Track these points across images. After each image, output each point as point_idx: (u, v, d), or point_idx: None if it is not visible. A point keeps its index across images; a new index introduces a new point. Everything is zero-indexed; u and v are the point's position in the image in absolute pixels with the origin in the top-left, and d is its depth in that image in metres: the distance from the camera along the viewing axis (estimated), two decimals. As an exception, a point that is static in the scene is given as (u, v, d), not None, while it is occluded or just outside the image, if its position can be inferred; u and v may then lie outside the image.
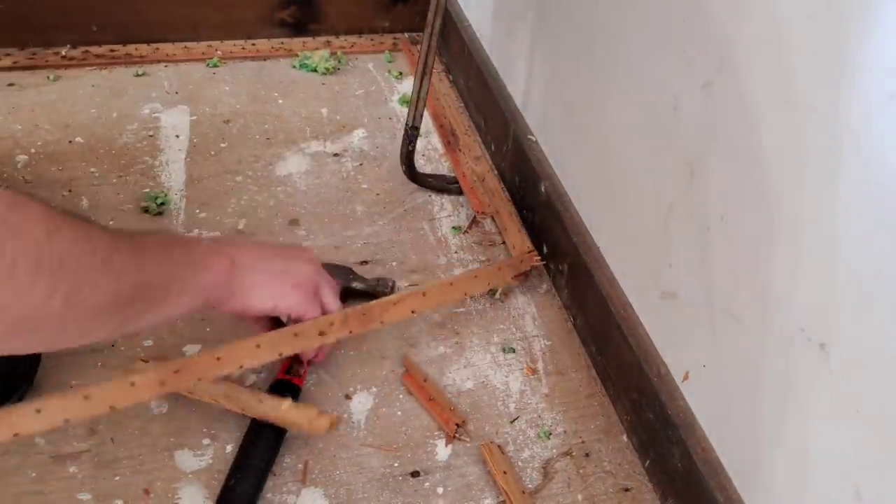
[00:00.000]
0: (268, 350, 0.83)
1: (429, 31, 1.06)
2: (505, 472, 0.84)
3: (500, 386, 0.96)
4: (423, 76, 1.09)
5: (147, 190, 1.16)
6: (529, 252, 1.09)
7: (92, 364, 0.92)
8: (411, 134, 1.15)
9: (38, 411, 0.74)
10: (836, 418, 0.61)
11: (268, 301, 0.80)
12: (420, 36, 1.58)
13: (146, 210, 1.12)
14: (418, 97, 1.11)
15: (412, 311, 0.93)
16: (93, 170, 1.19)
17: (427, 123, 1.37)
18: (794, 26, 0.60)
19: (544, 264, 1.11)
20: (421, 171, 1.23)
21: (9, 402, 0.85)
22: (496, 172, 1.26)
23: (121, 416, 0.88)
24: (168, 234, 1.05)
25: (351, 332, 0.88)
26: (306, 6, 1.51)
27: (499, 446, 0.88)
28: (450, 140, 1.28)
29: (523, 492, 0.83)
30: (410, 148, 1.16)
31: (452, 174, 1.24)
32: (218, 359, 0.81)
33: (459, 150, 1.26)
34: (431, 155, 1.31)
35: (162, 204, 1.13)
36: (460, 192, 1.21)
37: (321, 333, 0.86)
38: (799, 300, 0.63)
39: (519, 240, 1.11)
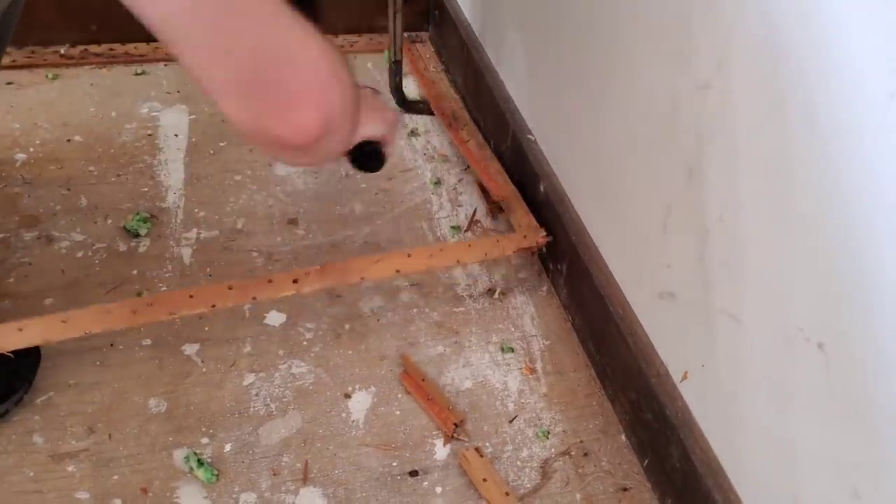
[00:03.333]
0: (239, 293, 0.86)
1: None
2: (485, 480, 0.84)
3: (499, 385, 0.96)
4: (395, 15, 1.24)
5: (137, 212, 1.15)
6: (535, 228, 1.06)
7: (91, 363, 0.92)
8: (396, 68, 1.31)
9: (20, 330, 0.81)
10: (835, 418, 0.61)
11: (380, 127, 0.77)
12: (420, 35, 1.58)
13: (127, 230, 1.09)
14: (395, 34, 1.27)
15: (396, 271, 0.94)
16: (91, 168, 1.19)
17: (426, 122, 1.36)
18: (792, 25, 0.60)
19: (543, 264, 1.11)
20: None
21: (8, 402, 0.85)
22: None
23: (119, 414, 0.88)
24: None
25: (328, 283, 0.90)
26: (305, 6, 1.50)
27: (476, 449, 0.88)
28: (451, 123, 1.33)
29: (507, 494, 0.83)
30: (398, 79, 1.33)
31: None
32: (191, 296, 0.86)
33: (463, 129, 1.31)
34: (431, 154, 1.30)
35: (144, 226, 1.10)
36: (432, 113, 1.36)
37: (295, 281, 0.88)
38: (797, 300, 0.64)
39: (525, 220, 1.08)
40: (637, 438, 0.90)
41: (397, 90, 1.35)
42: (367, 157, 0.76)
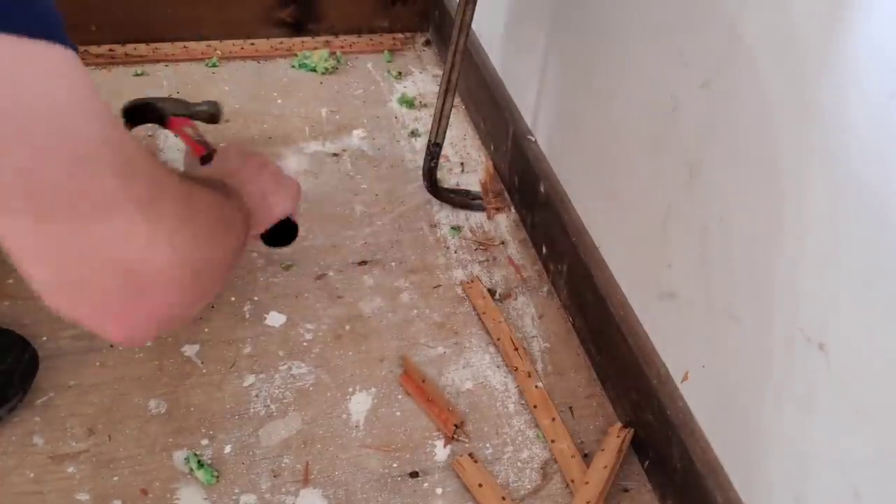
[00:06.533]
0: None
1: (452, 49, 1.05)
2: (480, 485, 0.84)
3: (500, 386, 0.96)
4: (446, 93, 1.08)
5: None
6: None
7: (91, 364, 0.92)
8: (434, 150, 1.14)
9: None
10: (835, 418, 0.61)
11: (289, 204, 0.81)
12: (419, 35, 1.58)
13: None
14: (441, 114, 1.10)
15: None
16: (91, 170, 1.19)
17: (427, 123, 1.37)
18: (793, 24, 0.60)
19: (544, 265, 1.11)
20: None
21: (2, 410, 0.85)
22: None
23: (119, 416, 0.88)
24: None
25: None
26: (305, 6, 1.51)
27: (470, 455, 0.87)
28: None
29: (503, 498, 0.83)
30: (433, 164, 1.16)
31: (476, 190, 1.23)
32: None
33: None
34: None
35: None
36: (482, 209, 1.20)
37: None
38: (798, 300, 0.63)
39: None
40: (637, 439, 0.89)
41: (429, 174, 1.17)
42: (285, 234, 0.77)
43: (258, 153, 0.83)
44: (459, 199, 1.21)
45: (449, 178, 1.26)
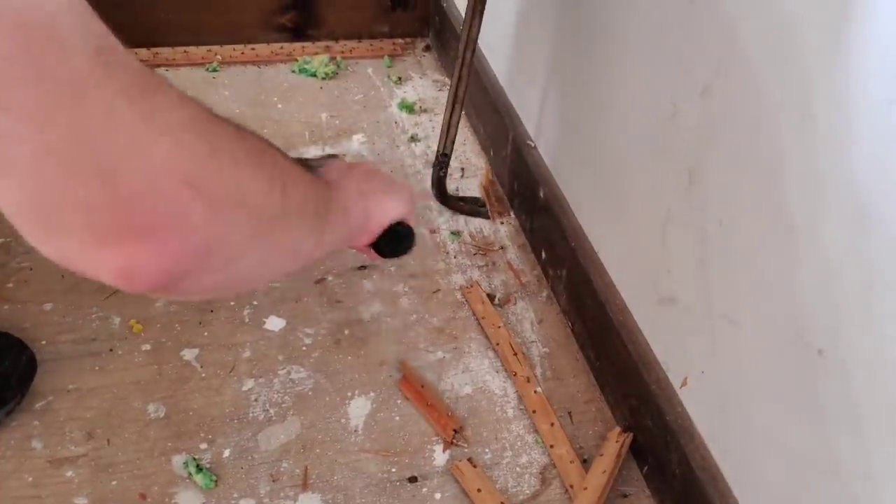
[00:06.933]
0: None
1: (459, 63, 1.07)
2: (479, 490, 0.84)
3: (499, 391, 0.96)
4: (454, 105, 1.11)
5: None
6: None
7: (90, 368, 0.92)
8: (442, 160, 1.17)
9: None
10: (835, 424, 0.61)
11: (399, 208, 0.73)
12: (419, 41, 1.59)
13: None
14: (449, 125, 1.13)
15: None
16: (92, 174, 1.19)
17: (426, 128, 1.37)
18: (793, 32, 0.60)
19: (543, 270, 1.11)
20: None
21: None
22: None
23: (118, 420, 0.88)
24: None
25: None
26: (305, 11, 1.51)
27: (469, 460, 0.87)
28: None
29: (502, 503, 0.83)
30: (441, 174, 1.18)
31: (482, 198, 1.24)
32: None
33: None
34: (431, 159, 1.30)
35: None
36: (488, 217, 1.21)
37: None
38: (797, 305, 0.63)
39: None
40: (636, 445, 0.89)
41: (438, 183, 1.19)
42: (401, 240, 0.72)
43: (365, 163, 0.77)
44: (468, 207, 1.21)
45: (449, 182, 1.26)
